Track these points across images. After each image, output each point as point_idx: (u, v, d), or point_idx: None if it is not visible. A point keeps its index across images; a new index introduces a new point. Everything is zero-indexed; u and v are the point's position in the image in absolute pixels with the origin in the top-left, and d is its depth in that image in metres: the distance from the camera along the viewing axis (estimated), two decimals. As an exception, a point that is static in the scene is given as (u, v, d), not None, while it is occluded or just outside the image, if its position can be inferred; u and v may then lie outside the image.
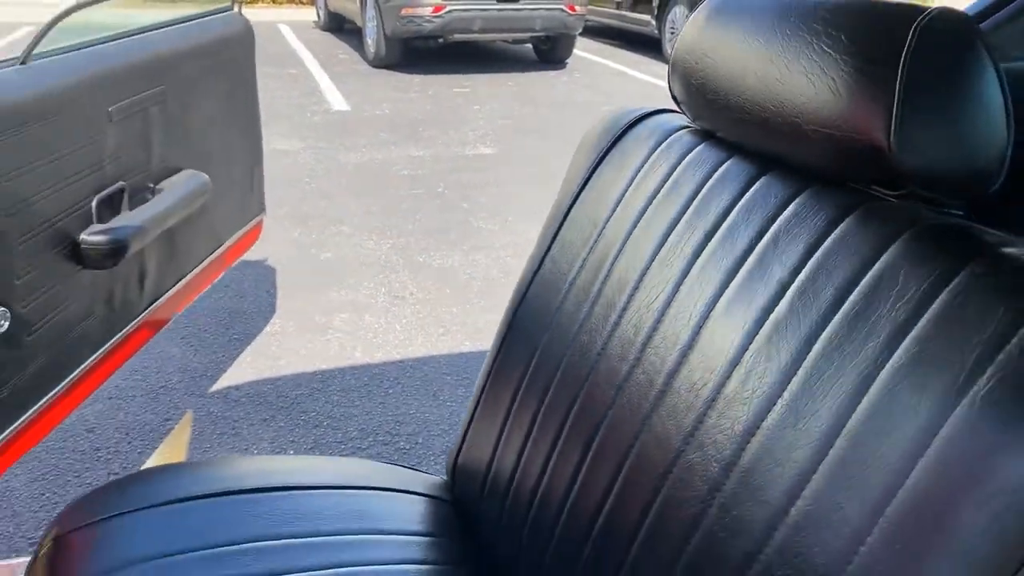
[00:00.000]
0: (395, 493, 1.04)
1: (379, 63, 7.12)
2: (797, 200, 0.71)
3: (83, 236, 1.38)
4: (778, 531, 0.59)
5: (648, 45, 8.75)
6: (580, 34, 7.83)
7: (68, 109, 1.34)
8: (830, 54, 0.67)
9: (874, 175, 0.66)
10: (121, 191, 1.48)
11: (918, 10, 0.65)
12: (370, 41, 7.22)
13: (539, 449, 0.89)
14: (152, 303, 1.64)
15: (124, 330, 1.56)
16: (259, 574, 0.84)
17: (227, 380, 2.34)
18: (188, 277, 1.78)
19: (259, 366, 2.41)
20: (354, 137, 4.95)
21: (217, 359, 2.44)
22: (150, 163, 1.57)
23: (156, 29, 1.64)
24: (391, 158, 4.56)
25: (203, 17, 1.83)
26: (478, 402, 1.04)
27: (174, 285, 1.73)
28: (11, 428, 1.29)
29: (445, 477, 1.11)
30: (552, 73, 7.31)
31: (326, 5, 8.94)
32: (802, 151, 0.71)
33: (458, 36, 7.14)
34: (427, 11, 6.72)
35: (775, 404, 0.63)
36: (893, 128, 0.62)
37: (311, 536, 0.91)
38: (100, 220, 1.42)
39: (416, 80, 6.66)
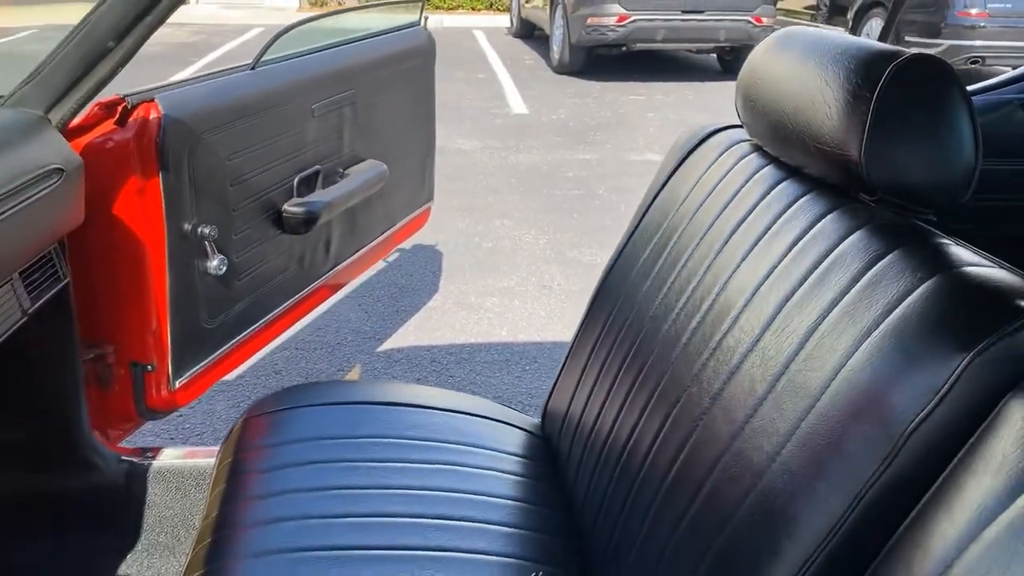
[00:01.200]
0: (496, 422, 1.30)
1: (563, 69, 7.43)
2: (800, 201, 0.90)
3: (285, 206, 1.74)
4: (736, 440, 0.79)
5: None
6: (767, 45, 7.76)
7: (282, 106, 1.70)
8: (830, 86, 0.85)
9: (853, 184, 0.84)
10: (316, 173, 1.84)
11: (900, 53, 0.82)
12: (556, 48, 7.55)
13: (598, 396, 1.12)
14: (333, 267, 2.00)
15: (309, 286, 1.92)
16: (382, 459, 1.13)
17: (391, 343, 2.71)
18: (363, 250, 2.13)
19: (419, 335, 2.76)
20: (529, 139, 5.28)
21: (385, 325, 2.82)
22: (341, 152, 1.93)
23: (354, 42, 2.00)
24: (559, 160, 4.85)
25: (393, 32, 2.18)
26: (567, 357, 1.28)
27: (352, 255, 2.08)
28: (215, 354, 1.66)
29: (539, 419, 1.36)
30: (733, 83, 7.31)
31: (519, 12, 9.40)
32: (809, 162, 0.90)
33: (641, 45, 7.32)
34: (612, 20, 6.96)
35: (752, 350, 0.83)
36: (864, 146, 0.80)
37: (424, 440, 1.19)
38: (299, 195, 1.78)
39: (596, 87, 6.91)
